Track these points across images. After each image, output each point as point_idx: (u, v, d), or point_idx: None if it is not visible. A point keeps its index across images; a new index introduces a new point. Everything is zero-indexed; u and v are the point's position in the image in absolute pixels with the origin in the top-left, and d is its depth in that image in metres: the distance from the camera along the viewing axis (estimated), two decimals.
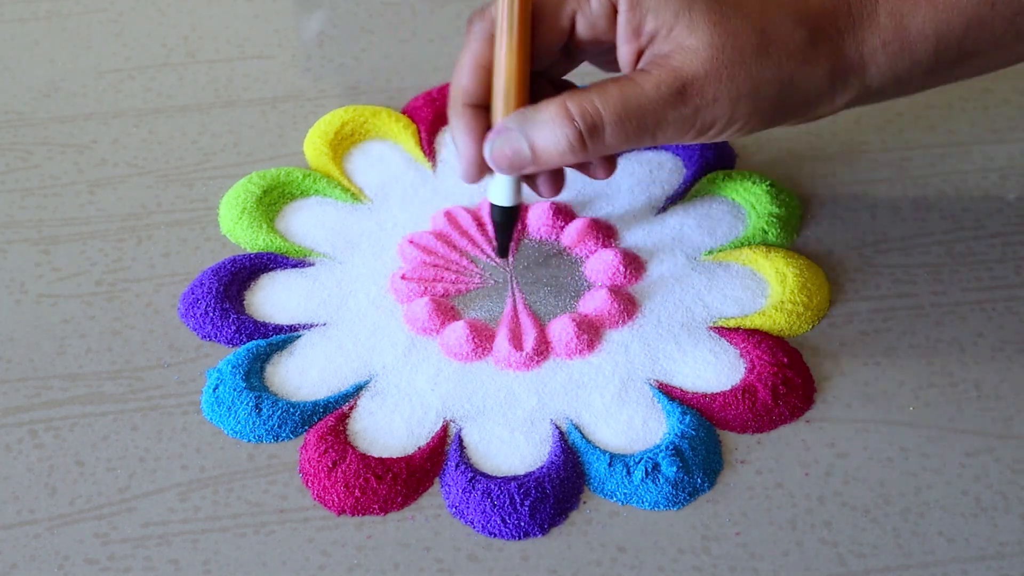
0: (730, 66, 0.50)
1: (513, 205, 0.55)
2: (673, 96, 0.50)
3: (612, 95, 0.50)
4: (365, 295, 0.58)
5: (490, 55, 0.53)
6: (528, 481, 0.50)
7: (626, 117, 0.50)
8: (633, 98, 0.50)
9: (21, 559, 0.49)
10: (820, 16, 0.51)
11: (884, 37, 0.51)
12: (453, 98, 0.54)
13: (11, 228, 0.61)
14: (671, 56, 0.50)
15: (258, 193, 0.62)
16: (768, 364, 0.54)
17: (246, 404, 0.53)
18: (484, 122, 0.53)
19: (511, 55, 0.52)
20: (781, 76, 0.50)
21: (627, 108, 0.50)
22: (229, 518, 0.50)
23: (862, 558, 0.49)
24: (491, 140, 0.52)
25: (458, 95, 0.54)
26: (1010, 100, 0.68)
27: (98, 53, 0.72)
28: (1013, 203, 0.62)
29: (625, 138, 0.51)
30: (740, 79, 0.50)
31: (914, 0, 0.51)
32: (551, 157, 0.51)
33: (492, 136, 0.52)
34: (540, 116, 0.51)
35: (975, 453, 0.52)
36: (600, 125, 0.50)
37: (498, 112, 0.53)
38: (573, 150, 0.51)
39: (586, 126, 0.50)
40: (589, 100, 0.50)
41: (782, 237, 0.60)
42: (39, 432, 0.53)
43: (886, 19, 0.51)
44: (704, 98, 0.50)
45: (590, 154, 0.51)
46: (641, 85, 0.50)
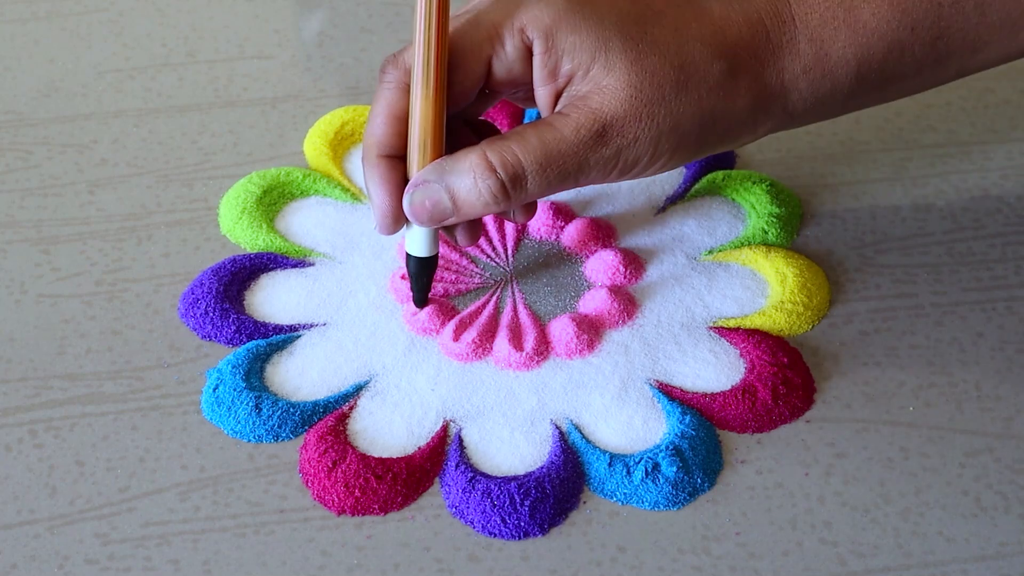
0: (649, 104, 0.49)
1: (431, 255, 0.54)
2: (593, 139, 0.49)
3: (531, 142, 0.49)
4: (365, 295, 0.58)
5: (404, 105, 0.51)
6: (528, 481, 0.50)
7: (547, 164, 0.49)
8: (553, 144, 0.49)
9: (21, 559, 0.49)
10: (738, 46, 0.50)
11: (804, 63, 0.51)
12: (367, 149, 0.52)
13: (11, 228, 0.61)
14: (589, 97, 0.49)
15: (258, 193, 0.62)
16: (768, 364, 0.54)
17: (246, 404, 0.53)
18: (400, 173, 0.52)
19: (427, 105, 0.50)
20: (702, 110, 0.50)
21: (548, 155, 0.49)
22: (229, 518, 0.50)
23: (862, 558, 0.49)
24: (410, 193, 0.51)
25: (372, 146, 0.52)
26: (1010, 100, 0.68)
27: (98, 53, 0.72)
28: (1013, 203, 0.62)
29: (548, 185, 0.50)
30: (660, 116, 0.49)
31: (834, 26, 0.51)
32: (473, 208, 0.51)
33: (411, 189, 0.51)
34: (459, 167, 0.50)
35: (975, 453, 0.52)
36: (521, 174, 0.50)
37: (415, 164, 0.51)
38: (496, 200, 0.50)
39: (508, 176, 0.49)
40: (509, 149, 0.49)
41: (782, 237, 0.60)
42: (39, 432, 0.53)
43: (806, 45, 0.51)
44: (625, 138, 0.49)
45: (512, 203, 0.50)
46: (560, 130, 0.49)
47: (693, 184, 0.63)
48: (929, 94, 0.68)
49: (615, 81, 0.49)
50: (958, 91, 0.68)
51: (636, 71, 0.49)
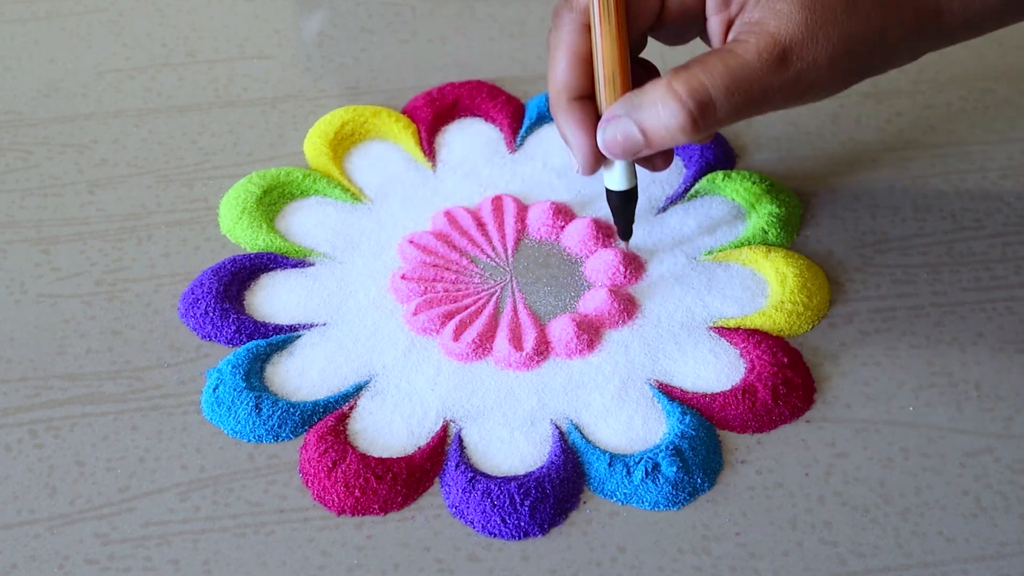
0: (824, 25, 0.50)
1: (631, 187, 0.55)
2: (776, 62, 0.50)
3: (717, 69, 0.50)
4: (365, 295, 0.58)
5: (586, 46, 0.53)
6: (528, 481, 0.50)
7: (735, 89, 0.50)
8: (738, 69, 0.50)
9: (21, 559, 0.49)
10: None
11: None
12: (555, 95, 0.54)
13: (11, 228, 0.61)
14: (764, 22, 0.50)
15: (258, 193, 0.62)
16: (768, 364, 0.54)
17: (246, 404, 0.53)
18: (592, 113, 0.53)
19: (612, 42, 0.52)
20: (871, 29, 0.50)
21: (734, 80, 0.50)
22: (229, 518, 0.50)
23: (862, 558, 0.49)
24: (602, 129, 0.52)
25: (561, 91, 0.53)
26: (1010, 100, 0.68)
27: (98, 53, 0.72)
28: (1013, 203, 0.62)
29: (736, 111, 0.50)
30: (835, 37, 0.50)
31: None
32: (664, 139, 0.51)
33: (603, 124, 0.52)
34: (648, 99, 0.51)
35: (975, 453, 0.52)
36: (710, 101, 0.50)
37: (605, 100, 0.53)
38: (685, 130, 0.50)
39: (696, 104, 0.50)
40: (696, 77, 0.50)
41: (782, 237, 0.60)
42: (39, 432, 0.53)
43: None
44: (804, 60, 0.50)
45: (702, 132, 0.51)
46: (743, 56, 0.50)
47: (693, 184, 0.63)
48: (929, 94, 0.68)
49: (789, 5, 0.50)
50: (958, 91, 0.68)
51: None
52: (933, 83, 0.68)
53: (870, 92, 0.68)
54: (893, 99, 0.68)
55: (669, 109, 0.50)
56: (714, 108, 0.50)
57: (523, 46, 0.71)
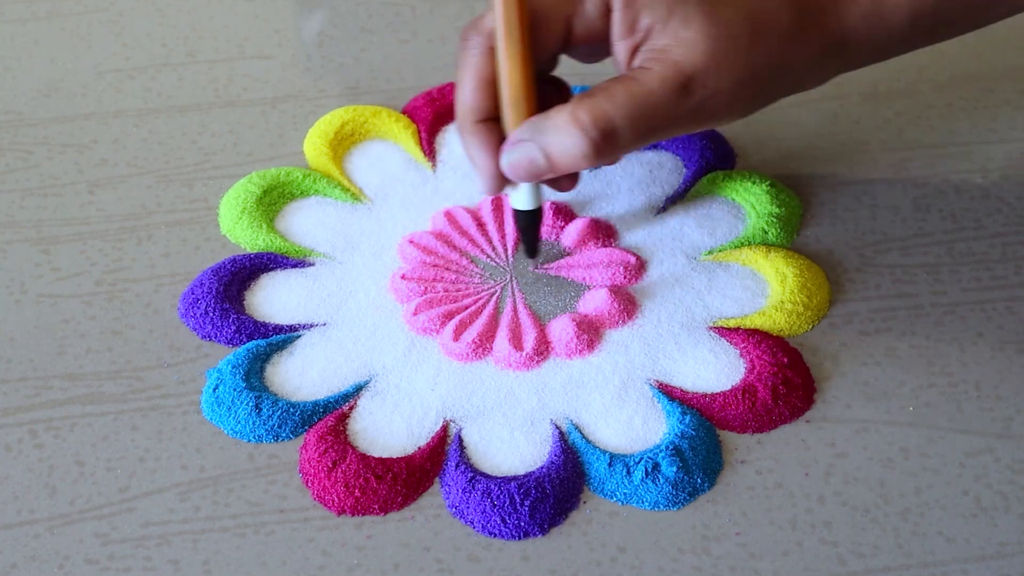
0: (728, 55, 0.50)
1: (535, 208, 0.56)
2: (679, 91, 0.50)
3: (620, 97, 0.50)
4: (365, 295, 0.58)
5: (491, 69, 0.53)
6: (528, 481, 0.50)
7: (638, 117, 0.50)
8: (642, 97, 0.50)
9: (21, 559, 0.49)
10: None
11: (863, 10, 0.52)
12: (461, 117, 0.54)
13: (11, 228, 0.62)
14: (669, 50, 0.50)
15: (258, 193, 0.62)
16: (768, 364, 0.54)
17: (246, 404, 0.53)
18: (497, 135, 0.54)
19: (515, 65, 0.52)
20: (774, 60, 0.51)
21: (637, 108, 0.50)
22: (229, 518, 0.50)
23: (862, 558, 0.49)
24: (506, 152, 0.53)
25: (467, 112, 0.54)
26: (1010, 100, 0.68)
27: (98, 53, 0.72)
28: (1013, 203, 0.62)
29: (638, 138, 0.51)
30: (738, 66, 0.50)
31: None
32: (567, 164, 0.52)
33: (507, 148, 0.53)
34: (551, 125, 0.51)
35: (975, 453, 0.52)
36: (613, 129, 0.50)
37: (509, 124, 0.53)
38: (588, 156, 0.51)
39: (600, 132, 0.50)
40: (599, 106, 0.50)
41: (782, 237, 0.60)
42: (39, 432, 0.53)
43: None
44: (708, 89, 0.50)
45: (604, 158, 0.51)
46: (647, 84, 0.50)
47: (693, 184, 0.63)
48: (929, 94, 0.68)
49: (694, 33, 0.50)
50: (958, 91, 0.68)
51: (713, 23, 0.50)
52: (933, 83, 0.68)
53: (870, 92, 0.68)
54: (893, 99, 0.68)
55: (572, 137, 0.51)
56: (617, 136, 0.51)
57: None
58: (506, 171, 0.53)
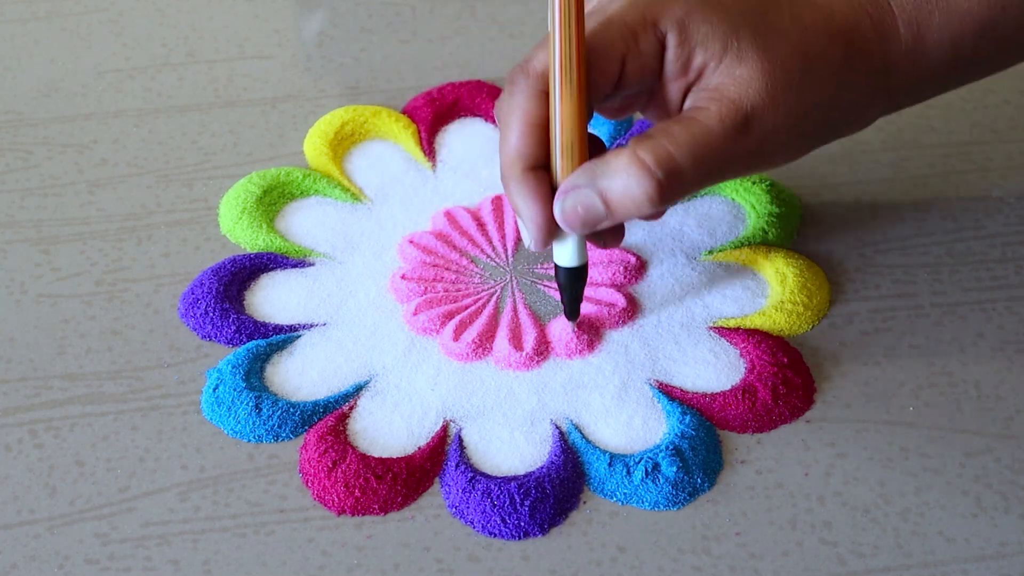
0: (784, 91, 0.49)
1: (581, 264, 0.53)
2: (739, 129, 0.49)
3: (681, 137, 0.48)
4: (365, 295, 0.58)
5: (542, 112, 0.50)
6: (528, 481, 0.50)
7: (700, 156, 0.48)
8: (702, 137, 0.48)
9: (21, 559, 0.49)
10: (849, 32, 0.51)
11: (905, 47, 0.51)
12: (509, 164, 0.51)
13: (11, 228, 0.61)
14: (724, 88, 0.49)
15: (258, 193, 0.62)
16: (768, 364, 0.54)
17: (246, 404, 0.53)
18: (547, 183, 0.51)
19: (572, 108, 0.49)
20: (827, 95, 0.50)
21: (699, 147, 0.48)
22: (229, 518, 0.50)
23: (862, 558, 0.49)
24: (560, 200, 0.50)
25: (515, 160, 0.50)
26: (1010, 100, 0.68)
27: (98, 53, 0.72)
28: (1013, 203, 0.62)
29: (701, 179, 0.49)
30: (792, 103, 0.49)
31: (927, 10, 0.51)
32: (628, 210, 0.49)
33: (561, 195, 0.50)
34: (612, 168, 0.49)
35: (975, 453, 0.52)
36: (677, 169, 0.48)
37: (563, 170, 0.50)
38: (652, 199, 0.49)
39: (665, 173, 0.48)
40: (661, 146, 0.48)
41: (782, 237, 0.60)
42: (39, 432, 0.53)
43: (905, 31, 0.51)
44: (765, 127, 0.49)
45: (669, 201, 0.49)
46: (706, 123, 0.49)
47: None
48: None
49: (749, 70, 0.49)
50: (958, 91, 0.68)
51: (767, 59, 0.49)
52: None
53: None
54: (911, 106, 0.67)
55: (636, 178, 0.48)
56: (681, 176, 0.48)
57: (523, 46, 0.71)
58: (560, 220, 0.50)
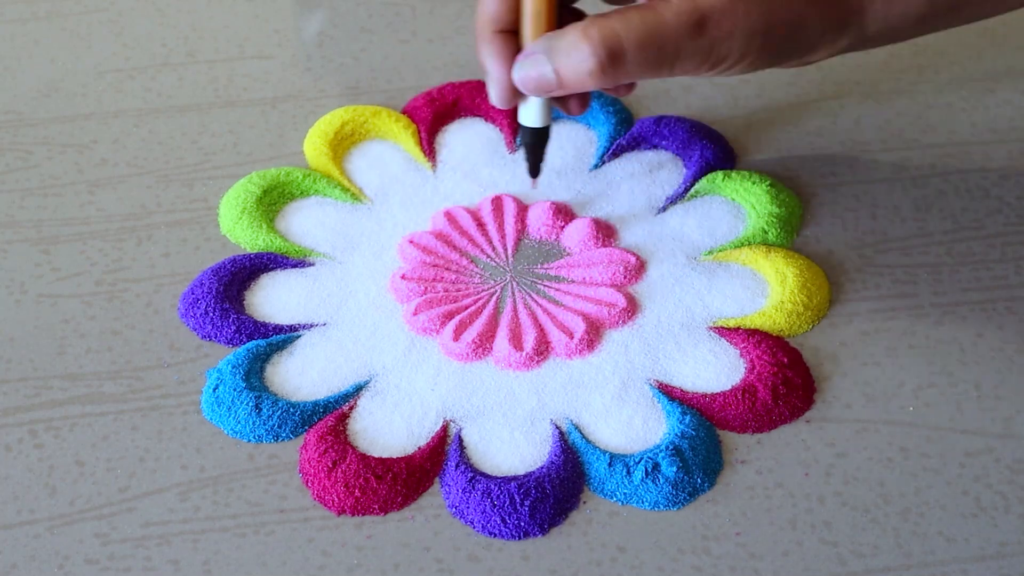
0: (746, 2, 0.51)
1: (543, 126, 0.56)
2: (692, 27, 0.51)
3: (633, 22, 0.51)
4: (365, 295, 0.58)
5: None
6: (528, 481, 0.50)
7: (647, 44, 0.51)
8: (654, 27, 0.51)
9: (21, 559, 0.49)
10: None
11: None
12: (481, 25, 0.54)
13: (11, 228, 0.62)
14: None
15: (258, 193, 0.62)
16: (768, 364, 0.54)
17: (246, 404, 0.53)
18: (513, 46, 0.54)
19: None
20: (792, 15, 0.51)
21: (648, 36, 0.51)
22: (229, 518, 0.50)
23: (862, 558, 0.49)
24: (519, 64, 0.53)
25: (486, 21, 0.54)
26: (1010, 100, 0.68)
27: (98, 53, 0.72)
28: (1013, 203, 0.62)
29: (645, 66, 0.51)
30: (755, 15, 0.51)
31: None
32: (574, 82, 0.52)
33: (520, 60, 0.53)
34: (562, 42, 0.52)
35: (975, 453, 0.52)
36: (621, 52, 0.51)
37: (527, 36, 0.53)
38: (593, 76, 0.51)
39: (607, 52, 0.51)
40: (611, 27, 0.51)
41: (782, 237, 0.60)
42: (39, 432, 0.53)
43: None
44: (720, 31, 0.51)
45: (610, 80, 0.52)
46: (662, 14, 0.51)
47: (693, 184, 0.63)
48: (929, 94, 0.68)
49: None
50: (958, 91, 0.68)
51: None
52: (933, 83, 0.68)
53: (870, 92, 0.68)
54: (893, 99, 0.68)
55: (581, 53, 0.51)
56: (624, 59, 0.51)
57: None
58: (517, 83, 0.54)
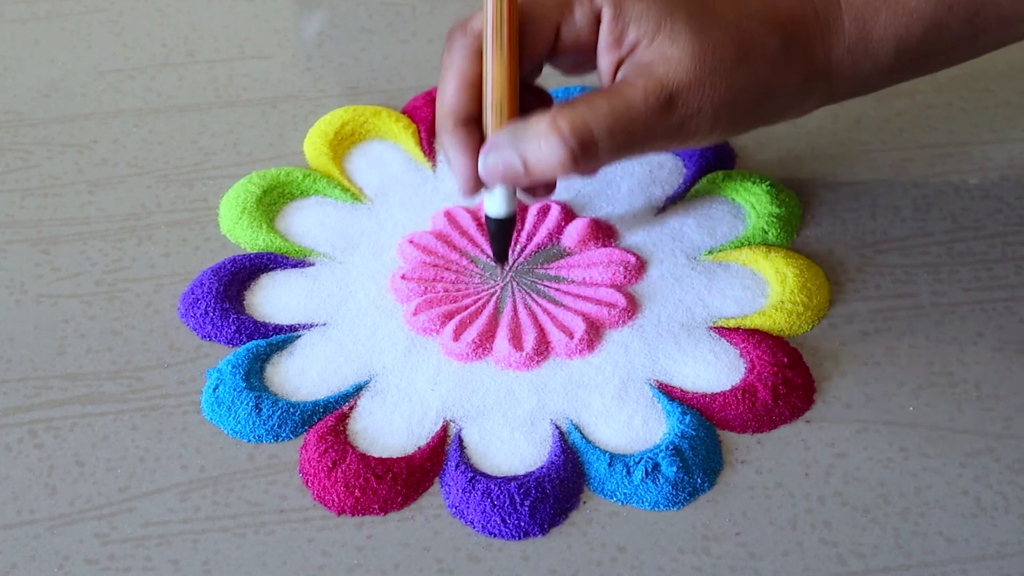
0: (712, 75, 0.50)
1: (508, 216, 0.55)
2: (661, 107, 0.50)
3: (602, 109, 0.50)
4: (365, 295, 0.58)
5: (477, 71, 0.52)
6: (528, 481, 0.50)
7: (618, 130, 0.50)
8: (623, 110, 0.50)
9: (21, 559, 0.49)
10: (791, 23, 0.52)
11: (849, 42, 0.52)
12: (442, 117, 0.53)
13: (11, 228, 0.62)
14: (654, 66, 0.50)
15: (258, 193, 0.62)
16: (768, 364, 0.54)
17: (246, 404, 0.53)
18: (477, 137, 0.53)
19: (502, 69, 0.52)
20: (759, 83, 0.51)
21: (618, 121, 0.50)
22: (229, 518, 0.50)
23: (862, 558, 0.49)
24: (484, 155, 0.52)
25: (448, 114, 0.53)
26: (1010, 100, 0.68)
27: (98, 53, 0.72)
28: (1013, 203, 0.62)
29: (617, 150, 0.51)
30: (722, 88, 0.51)
31: (875, 7, 0.52)
32: (543, 172, 0.51)
33: (485, 151, 0.52)
34: (530, 132, 0.51)
35: (975, 453, 0.52)
36: (592, 140, 0.50)
37: (491, 127, 0.53)
38: (564, 165, 0.51)
39: (578, 142, 0.50)
40: (580, 115, 0.50)
41: (782, 237, 0.60)
42: (39, 432, 0.53)
43: (850, 25, 0.52)
44: (689, 108, 0.50)
45: (582, 169, 0.51)
46: (629, 98, 0.50)
47: (693, 184, 0.63)
48: (929, 94, 0.68)
49: (680, 51, 0.50)
50: (958, 91, 0.68)
51: (700, 42, 0.50)
52: (933, 83, 0.68)
53: None
54: (893, 99, 0.68)
55: (551, 144, 0.50)
56: (595, 147, 0.50)
57: None
58: (483, 175, 0.53)
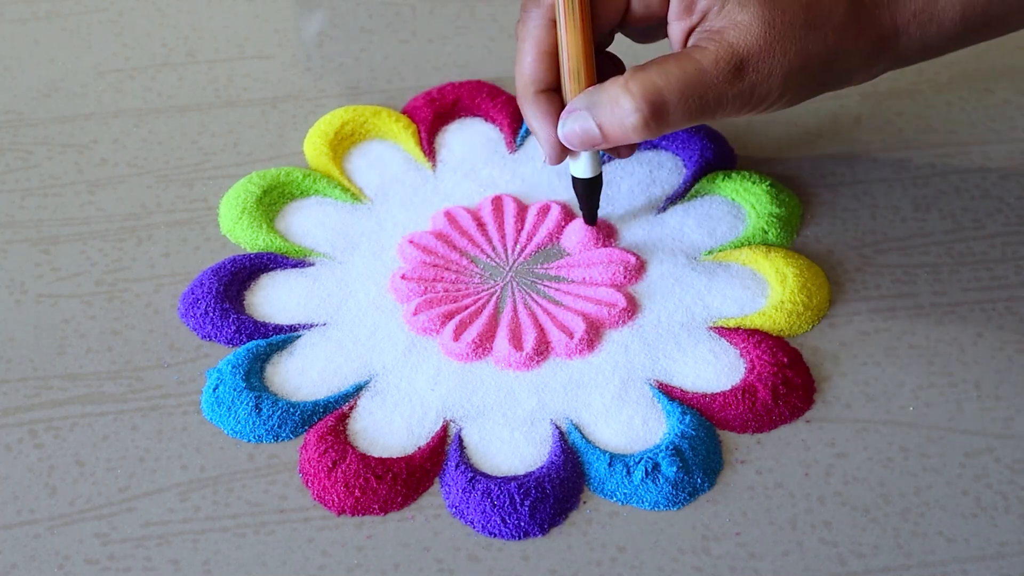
0: (782, 40, 0.51)
1: (593, 176, 0.57)
2: (731, 72, 0.51)
3: (673, 73, 0.51)
4: (365, 295, 0.58)
5: (552, 41, 0.54)
6: (528, 481, 0.50)
7: (689, 95, 0.51)
8: (694, 75, 0.51)
9: (21, 559, 0.49)
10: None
11: (915, 8, 0.53)
12: (523, 87, 0.55)
13: (11, 228, 0.62)
14: (725, 32, 0.51)
15: (258, 193, 0.62)
16: (768, 364, 0.54)
17: (246, 404, 0.53)
18: (556, 105, 0.55)
19: (576, 38, 0.54)
20: (827, 48, 0.52)
21: (689, 86, 0.51)
22: (229, 518, 0.50)
23: (862, 558, 0.49)
24: (562, 122, 0.54)
25: (528, 84, 0.55)
26: (1010, 100, 0.68)
27: (98, 53, 0.72)
28: (1013, 203, 0.62)
29: (688, 115, 0.52)
30: (791, 53, 0.51)
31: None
32: (618, 136, 0.53)
33: (563, 118, 0.54)
34: (604, 97, 0.52)
35: (975, 453, 0.52)
36: (664, 104, 0.51)
37: (569, 94, 0.55)
38: (637, 129, 0.52)
39: (650, 106, 0.51)
40: (651, 80, 0.51)
41: (782, 237, 0.60)
42: (39, 432, 0.53)
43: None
44: (760, 73, 0.51)
45: (655, 132, 0.52)
46: (700, 62, 0.51)
47: (693, 184, 0.63)
48: (929, 94, 0.68)
49: (750, 17, 0.51)
50: (958, 91, 0.68)
51: (769, 8, 0.51)
52: (933, 83, 0.68)
53: (870, 92, 0.68)
54: (893, 99, 0.68)
55: (624, 108, 0.52)
56: (667, 111, 0.52)
57: None
58: (562, 140, 0.55)
